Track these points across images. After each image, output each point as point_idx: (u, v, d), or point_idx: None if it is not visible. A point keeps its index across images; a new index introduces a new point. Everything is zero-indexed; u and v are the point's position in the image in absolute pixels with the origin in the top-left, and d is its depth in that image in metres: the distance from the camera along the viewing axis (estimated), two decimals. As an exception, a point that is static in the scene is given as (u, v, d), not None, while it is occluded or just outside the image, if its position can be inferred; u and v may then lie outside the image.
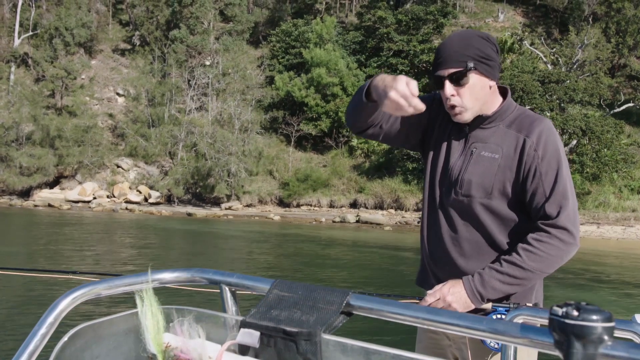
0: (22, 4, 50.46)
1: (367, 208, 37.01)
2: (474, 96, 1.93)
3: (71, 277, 3.32)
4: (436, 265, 2.06)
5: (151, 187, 41.10)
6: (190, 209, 37.50)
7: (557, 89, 33.69)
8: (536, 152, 1.89)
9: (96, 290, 1.25)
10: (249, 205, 39.32)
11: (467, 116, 1.97)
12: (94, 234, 23.40)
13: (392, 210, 35.83)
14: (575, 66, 37.71)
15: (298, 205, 38.84)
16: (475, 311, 1.91)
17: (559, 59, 38.52)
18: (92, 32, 49.00)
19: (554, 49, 39.71)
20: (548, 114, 33.16)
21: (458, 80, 1.91)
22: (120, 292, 1.28)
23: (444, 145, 2.07)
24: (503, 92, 2.07)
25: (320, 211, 37.36)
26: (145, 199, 40.55)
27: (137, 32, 51.05)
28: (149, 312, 1.15)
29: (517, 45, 41.56)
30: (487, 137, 1.98)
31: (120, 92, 48.11)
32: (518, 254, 1.86)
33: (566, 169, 1.92)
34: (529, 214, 1.94)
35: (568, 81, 34.36)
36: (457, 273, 1.97)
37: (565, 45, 39.42)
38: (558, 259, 1.87)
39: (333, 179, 39.68)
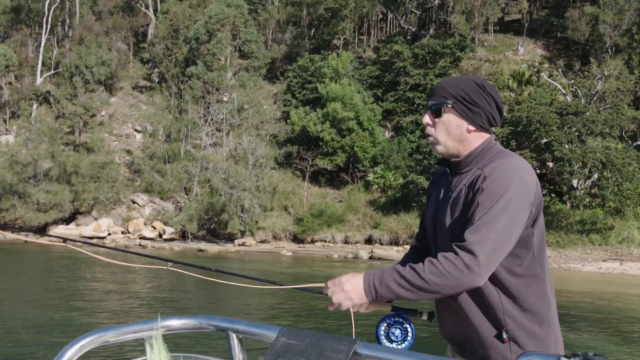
0: (45, 44, 51.59)
1: (382, 244, 36.14)
2: (446, 132, 2.01)
3: (62, 244, 3.06)
4: (437, 303, 2.10)
5: (166, 223, 40.90)
6: (203, 245, 37.08)
7: (576, 120, 32.75)
8: (482, 185, 1.87)
9: (104, 338, 1.24)
10: (263, 241, 38.76)
11: (439, 149, 2.04)
12: (98, 272, 23.03)
13: (408, 247, 34.89)
14: (595, 98, 36.75)
15: (312, 242, 38.13)
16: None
17: (578, 91, 37.63)
18: (112, 70, 49.73)
19: (572, 81, 38.84)
20: (566, 147, 32.19)
21: (435, 112, 2.02)
22: (128, 339, 1.26)
23: (435, 197, 2.13)
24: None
25: (335, 247, 36.58)
26: (160, 235, 40.33)
27: (156, 70, 51.68)
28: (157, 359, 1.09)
29: (534, 77, 40.81)
30: (461, 180, 2.01)
31: (138, 128, 48.47)
32: (423, 263, 1.85)
33: (505, 205, 1.82)
34: None
35: (588, 113, 33.41)
36: (450, 308, 2.00)
37: (586, 77, 38.56)
38: (457, 281, 1.80)
39: (348, 214, 38.97)
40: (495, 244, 1.80)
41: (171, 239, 39.51)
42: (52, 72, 50.67)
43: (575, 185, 33.15)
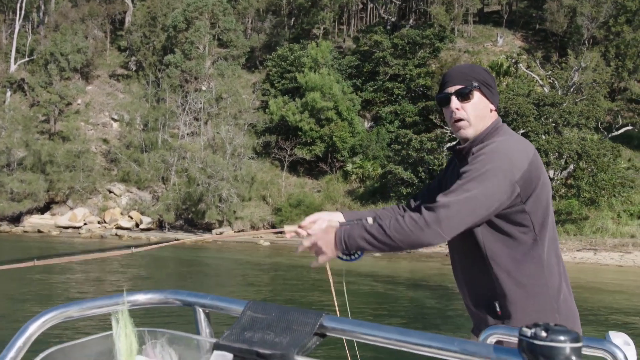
0: (20, 31, 50.62)
1: (360, 234, 36.20)
2: (477, 112, 2.06)
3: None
4: (459, 288, 2.19)
5: (142, 213, 40.50)
6: (180, 235, 36.81)
7: (553, 112, 32.97)
8: (470, 160, 1.97)
9: (68, 314, 1.22)
10: (240, 231, 38.53)
11: (469, 131, 2.07)
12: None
13: (386, 236, 35.03)
14: (572, 89, 37.03)
15: (291, 231, 38.00)
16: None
17: (556, 82, 37.88)
18: (88, 57, 48.96)
19: (550, 72, 39.09)
20: (543, 137, 32.43)
21: (464, 95, 2.06)
22: (92, 314, 1.25)
23: (445, 185, 2.20)
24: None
25: (313, 237, 36.54)
26: (137, 225, 39.93)
27: (133, 58, 51.01)
28: (123, 334, 1.14)
29: (512, 69, 41.01)
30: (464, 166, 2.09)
31: (115, 117, 47.86)
32: (389, 220, 1.92)
33: (481, 176, 1.88)
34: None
35: (564, 104, 33.64)
36: (465, 288, 2.11)
37: (563, 69, 38.83)
38: (416, 238, 1.87)
39: (326, 204, 38.94)
40: (461, 208, 1.86)
41: (148, 229, 39.14)
42: (27, 59, 49.75)
43: (551, 175, 33.38)
